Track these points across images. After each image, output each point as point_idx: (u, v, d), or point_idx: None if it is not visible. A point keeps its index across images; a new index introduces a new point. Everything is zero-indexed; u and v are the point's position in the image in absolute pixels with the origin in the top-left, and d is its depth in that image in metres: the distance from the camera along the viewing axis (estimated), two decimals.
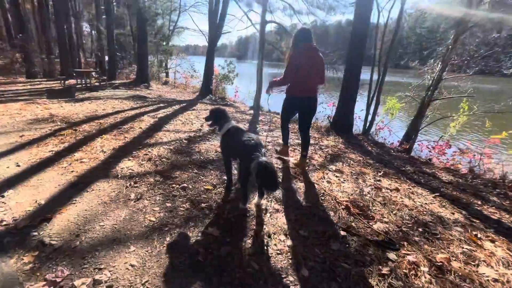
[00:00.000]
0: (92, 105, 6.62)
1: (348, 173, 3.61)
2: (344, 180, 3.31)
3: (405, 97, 8.60)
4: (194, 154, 3.76)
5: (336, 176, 3.41)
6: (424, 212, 2.69)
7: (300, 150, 3.64)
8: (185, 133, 4.79)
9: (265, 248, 1.96)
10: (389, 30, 7.64)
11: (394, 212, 2.62)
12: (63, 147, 3.69)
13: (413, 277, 1.77)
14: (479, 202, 3.27)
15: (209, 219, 2.28)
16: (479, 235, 2.37)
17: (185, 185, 2.82)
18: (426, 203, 2.92)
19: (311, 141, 5.26)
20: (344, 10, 12.46)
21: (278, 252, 1.93)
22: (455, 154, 6.37)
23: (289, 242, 2.03)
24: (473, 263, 1.98)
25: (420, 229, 2.36)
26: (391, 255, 1.96)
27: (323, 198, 2.78)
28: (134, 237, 2.01)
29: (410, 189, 3.32)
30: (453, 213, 2.77)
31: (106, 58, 14.95)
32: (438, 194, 3.23)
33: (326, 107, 8.36)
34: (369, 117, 7.82)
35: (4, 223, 2.07)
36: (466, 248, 2.16)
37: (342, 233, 2.20)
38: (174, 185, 2.81)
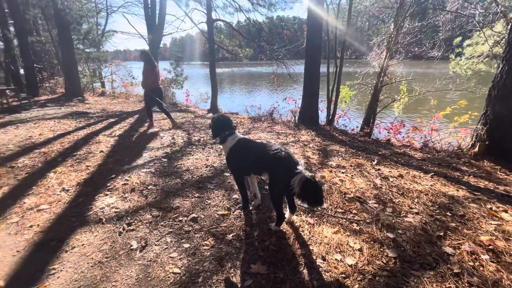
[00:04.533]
0: (21, 131, 5.27)
1: (349, 166, 3.56)
2: (353, 175, 3.23)
3: (356, 85, 9.20)
4: (183, 174, 3.21)
5: (343, 172, 3.31)
6: (438, 195, 2.77)
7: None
8: (159, 150, 4.13)
9: (328, 274, 1.69)
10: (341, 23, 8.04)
11: (416, 201, 2.62)
12: (2, 194, 2.74)
13: (481, 268, 1.72)
14: (459, 174, 3.57)
15: (245, 253, 1.89)
16: (493, 208, 2.51)
17: (194, 215, 2.33)
18: (432, 185, 3.02)
19: (292, 139, 5.24)
20: (285, 6, 12.71)
21: (344, 275, 1.68)
22: (409, 132, 7.06)
23: (348, 261, 1.79)
24: (511, 238, 2.05)
25: (449, 214, 2.39)
26: (448, 249, 1.89)
27: (347, 199, 2.63)
28: None
29: (409, 173, 3.44)
30: (458, 190, 2.92)
31: (21, 71, 12.36)
32: (433, 173, 3.40)
33: (288, 103, 8.40)
34: (331, 108, 8.12)
35: None
36: (494, 224, 2.24)
37: (390, 235, 2.06)
38: (180, 218, 2.30)
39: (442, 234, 2.08)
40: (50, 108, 8.30)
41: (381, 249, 1.91)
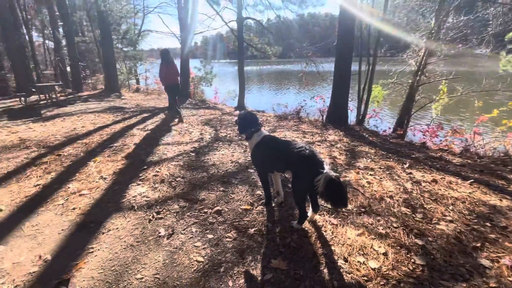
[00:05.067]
0: (67, 123, 5.81)
1: (378, 169, 3.42)
2: (381, 178, 3.10)
3: (389, 84, 8.72)
4: (210, 168, 3.32)
5: (370, 175, 3.20)
6: (477, 203, 2.56)
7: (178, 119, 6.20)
8: (187, 145, 4.30)
9: (349, 276, 1.66)
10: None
11: (451, 208, 2.45)
12: (50, 179, 3.06)
13: None
14: (504, 182, 3.25)
15: (266, 248, 1.92)
16: None
17: (218, 208, 2.41)
18: (470, 193, 2.80)
19: (319, 138, 5.14)
20: (316, 3, 12.39)
21: (366, 278, 1.64)
22: (447, 135, 6.55)
23: (372, 264, 1.74)
24: None
25: (488, 224, 2.20)
26: (484, 261, 1.76)
27: (372, 201, 2.54)
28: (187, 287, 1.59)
29: (444, 178, 3.21)
30: (501, 200, 2.67)
31: (68, 69, 13.56)
32: (472, 180, 3.14)
33: (316, 101, 8.24)
34: (362, 107, 7.81)
35: None
36: None
37: (418, 241, 1.96)
38: (205, 210, 2.39)
39: (478, 245, 1.93)
40: (91, 103, 9.01)
41: (408, 255, 1.82)
